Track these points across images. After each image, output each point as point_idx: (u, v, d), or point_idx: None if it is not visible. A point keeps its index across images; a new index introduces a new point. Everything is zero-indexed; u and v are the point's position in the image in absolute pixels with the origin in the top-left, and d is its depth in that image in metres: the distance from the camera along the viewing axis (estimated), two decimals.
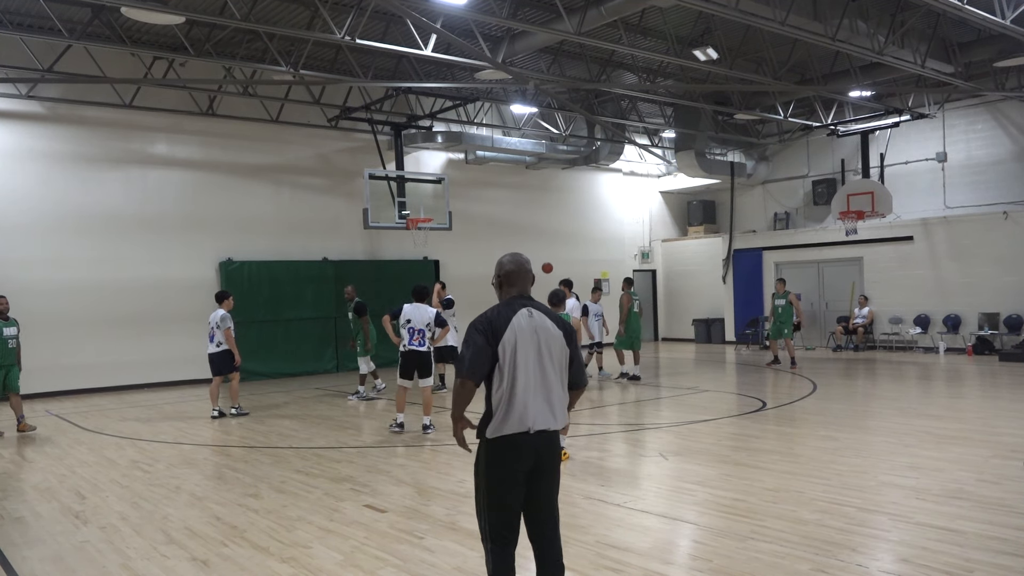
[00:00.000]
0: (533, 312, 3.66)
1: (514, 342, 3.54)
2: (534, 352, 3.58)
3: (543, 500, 3.72)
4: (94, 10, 12.02)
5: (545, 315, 3.69)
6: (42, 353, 14.07)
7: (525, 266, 3.78)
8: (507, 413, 3.52)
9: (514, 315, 3.60)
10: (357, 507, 6.28)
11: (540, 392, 3.58)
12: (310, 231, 17.32)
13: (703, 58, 14.28)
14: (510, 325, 3.56)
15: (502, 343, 3.53)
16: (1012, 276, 17.23)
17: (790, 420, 9.86)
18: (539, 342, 3.60)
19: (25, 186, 14.12)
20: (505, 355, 3.53)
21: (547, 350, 3.62)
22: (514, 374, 3.53)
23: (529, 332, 3.59)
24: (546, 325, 3.65)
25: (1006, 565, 4.60)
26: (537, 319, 3.64)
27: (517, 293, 3.74)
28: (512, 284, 3.76)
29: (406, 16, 10.41)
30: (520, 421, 3.53)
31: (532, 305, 3.70)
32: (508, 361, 3.53)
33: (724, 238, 23.00)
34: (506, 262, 3.79)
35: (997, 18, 11.84)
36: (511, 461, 3.55)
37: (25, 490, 7.28)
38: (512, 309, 3.63)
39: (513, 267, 3.76)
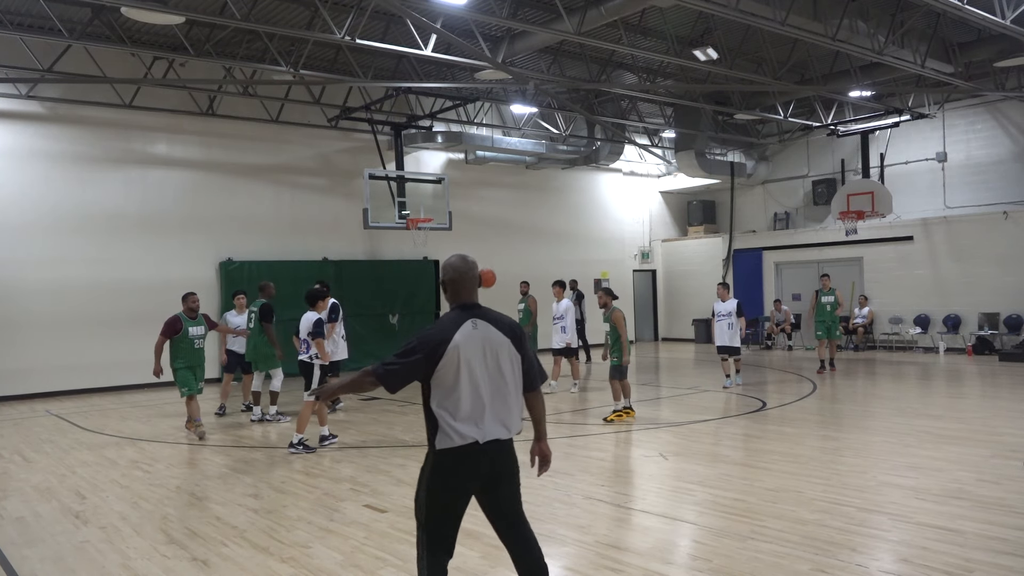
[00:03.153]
0: (478, 323, 3.58)
1: (457, 357, 3.47)
2: (480, 363, 3.52)
3: (507, 507, 3.68)
4: (94, 10, 12.02)
5: (491, 323, 3.61)
6: (42, 353, 14.08)
7: (472, 271, 3.68)
8: (455, 426, 3.48)
9: (457, 329, 3.52)
10: (357, 507, 6.28)
11: (490, 403, 3.54)
12: (310, 231, 17.32)
13: (703, 58, 14.28)
14: (453, 340, 3.48)
15: (444, 359, 3.46)
16: (1012, 276, 17.23)
17: (790, 420, 9.86)
18: (485, 353, 3.54)
19: (25, 186, 14.12)
20: (448, 370, 3.47)
21: (495, 359, 3.56)
22: (459, 387, 3.48)
23: (474, 344, 3.52)
24: (492, 334, 3.58)
25: (1006, 565, 4.60)
26: (482, 329, 3.57)
27: (462, 302, 3.65)
28: (457, 291, 3.67)
29: (406, 16, 10.41)
30: (469, 433, 3.49)
31: (477, 315, 3.61)
32: (452, 375, 3.47)
33: (724, 238, 23.00)
34: (450, 269, 3.69)
35: (997, 18, 11.84)
36: (461, 473, 3.52)
37: (25, 490, 7.28)
38: (455, 323, 3.55)
39: (457, 274, 3.66)
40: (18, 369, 13.93)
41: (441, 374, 3.48)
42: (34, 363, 14.06)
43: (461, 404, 3.49)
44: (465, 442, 3.48)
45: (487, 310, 3.68)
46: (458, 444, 3.48)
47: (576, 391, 12.88)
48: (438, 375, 3.48)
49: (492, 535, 5.41)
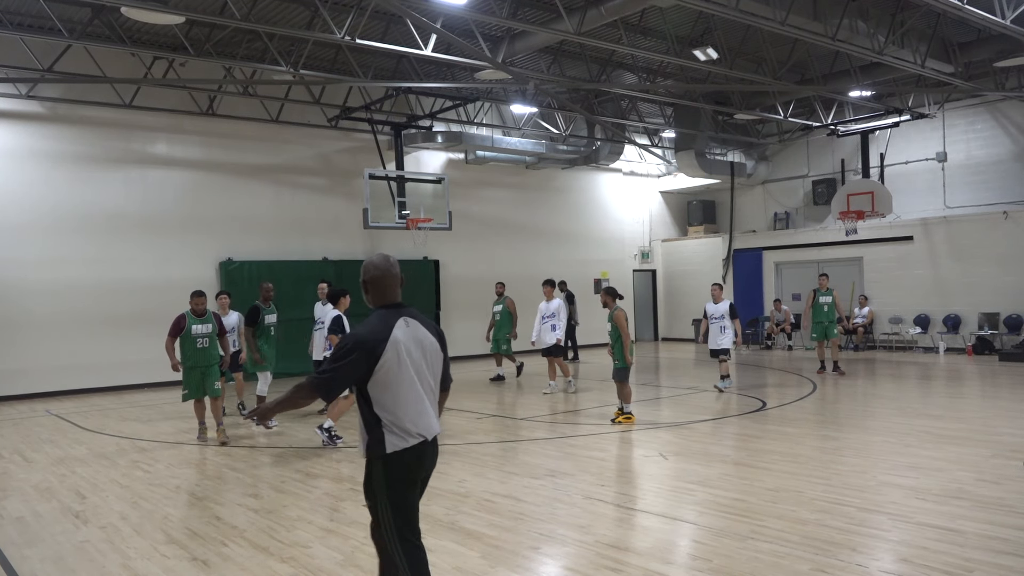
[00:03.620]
0: (410, 321, 3.57)
1: (398, 354, 3.43)
2: (419, 360, 3.52)
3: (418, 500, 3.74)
4: (94, 10, 12.02)
5: (420, 322, 3.62)
6: (42, 353, 14.08)
7: (394, 270, 3.63)
8: (406, 426, 3.45)
9: (393, 327, 3.48)
10: (357, 507, 6.27)
11: (428, 400, 3.56)
12: (310, 231, 17.32)
13: (703, 58, 14.28)
14: (391, 338, 3.43)
15: (384, 358, 3.40)
16: (1012, 276, 17.23)
17: (790, 420, 9.86)
18: (423, 350, 3.55)
19: (25, 186, 14.12)
20: (391, 368, 3.42)
21: (426, 358, 3.57)
22: (404, 385, 3.45)
23: (411, 343, 3.51)
24: (422, 333, 3.58)
25: (1006, 565, 4.60)
26: (414, 328, 3.56)
27: (389, 302, 3.61)
28: (381, 291, 3.61)
29: (406, 16, 10.41)
30: (419, 431, 3.48)
31: (407, 313, 3.60)
32: (395, 373, 3.43)
33: (724, 238, 23.00)
34: (371, 268, 3.62)
35: (997, 18, 11.84)
36: (413, 471, 3.51)
37: (25, 490, 7.28)
38: (389, 322, 3.50)
39: (380, 272, 3.60)
40: (18, 369, 13.93)
41: (382, 374, 3.41)
42: (34, 363, 14.06)
43: (408, 402, 3.45)
44: (417, 441, 3.47)
45: (412, 309, 3.66)
46: (411, 444, 3.45)
47: (574, 390, 12.86)
48: (378, 376, 3.41)
49: (492, 535, 5.44)
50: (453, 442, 9.02)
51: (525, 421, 10.32)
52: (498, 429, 9.83)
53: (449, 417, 10.85)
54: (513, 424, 10.13)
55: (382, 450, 3.44)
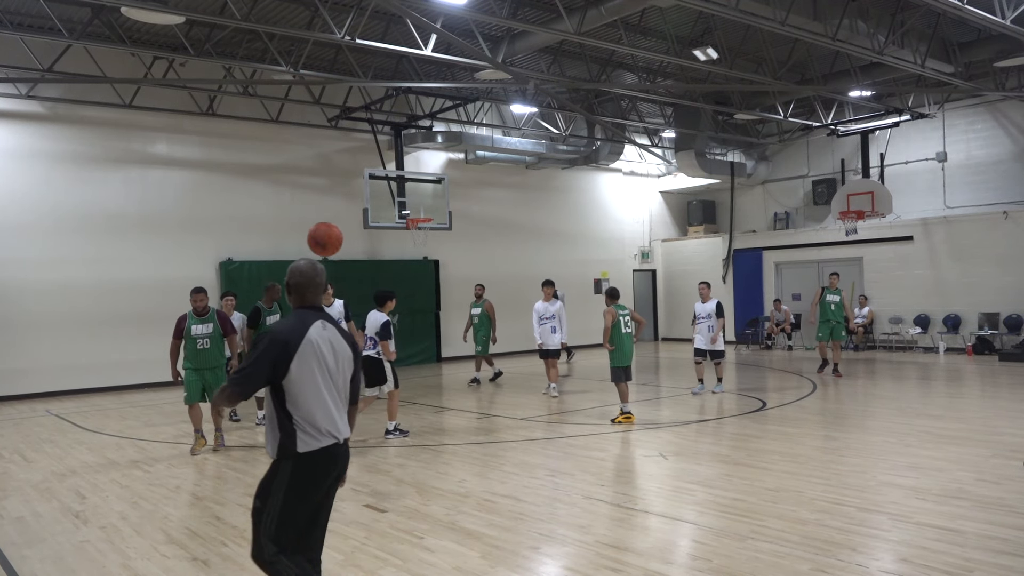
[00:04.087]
0: (327, 325, 3.60)
1: (311, 355, 3.46)
2: (332, 363, 3.55)
3: (326, 513, 3.73)
4: (94, 10, 12.02)
5: (336, 329, 3.64)
6: (42, 353, 14.08)
7: (320, 277, 3.65)
8: (318, 426, 3.46)
9: (310, 327, 3.51)
10: (357, 507, 6.28)
11: (340, 402, 3.59)
12: None
13: (703, 58, 14.28)
14: (307, 337, 3.47)
15: (298, 357, 3.43)
16: (1012, 276, 17.23)
17: (790, 420, 9.86)
18: (335, 354, 3.57)
19: (25, 186, 14.12)
20: (305, 366, 3.44)
21: (338, 364, 3.59)
22: (317, 384, 3.47)
23: (325, 344, 3.53)
24: (337, 339, 3.61)
25: (1006, 565, 4.60)
26: (330, 332, 3.59)
27: (309, 304, 3.64)
28: (303, 294, 3.63)
29: (406, 16, 10.41)
30: (330, 432, 3.50)
31: (324, 318, 3.62)
32: (309, 372, 3.45)
33: (724, 238, 23.00)
34: (296, 273, 3.63)
35: (997, 18, 11.84)
36: (322, 474, 3.51)
37: (25, 490, 7.28)
38: (306, 323, 3.53)
39: (305, 279, 3.62)
40: (18, 369, 13.93)
41: (296, 372, 3.42)
42: (34, 363, 14.06)
43: (320, 402, 3.47)
44: (329, 442, 3.48)
45: (330, 317, 3.70)
46: (324, 444, 3.47)
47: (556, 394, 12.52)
48: (292, 374, 3.42)
49: (492, 535, 5.44)
50: (453, 442, 9.03)
51: (525, 421, 10.32)
52: (498, 429, 9.83)
53: (449, 417, 10.86)
54: (513, 424, 10.13)
55: (293, 449, 3.46)
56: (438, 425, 10.31)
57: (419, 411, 11.48)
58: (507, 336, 19.16)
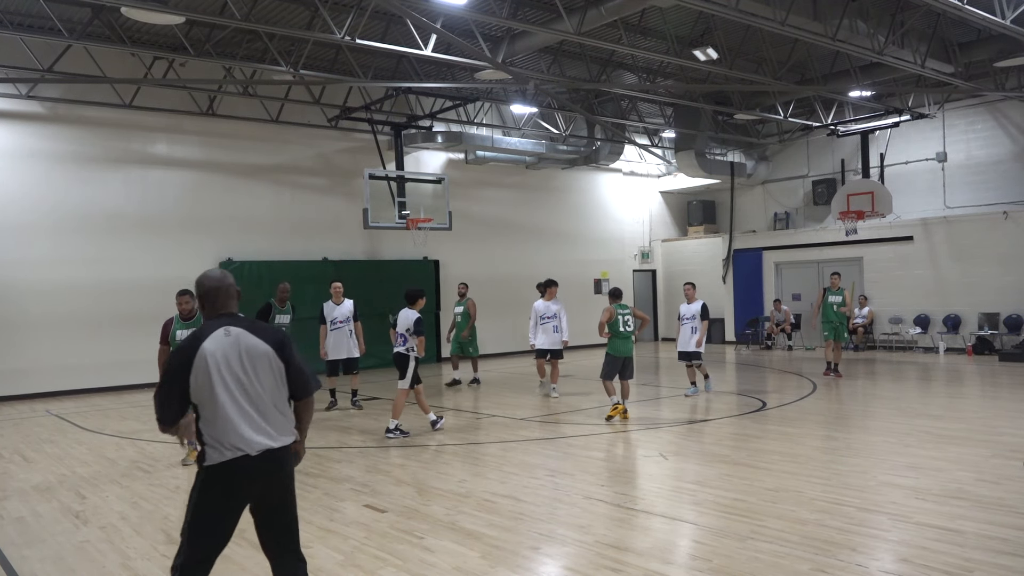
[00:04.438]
0: (231, 330, 3.47)
1: (207, 367, 3.36)
2: (237, 371, 3.41)
3: (278, 532, 3.55)
4: (94, 10, 12.02)
5: (250, 330, 3.51)
6: (42, 353, 14.08)
7: (226, 281, 3.59)
8: (220, 440, 3.36)
9: (206, 338, 3.42)
10: (357, 507, 6.28)
11: (252, 412, 3.42)
12: (310, 231, 17.32)
13: (703, 58, 14.28)
14: (200, 351, 3.38)
15: (194, 371, 3.36)
16: (1012, 276, 17.23)
17: (790, 420, 9.86)
18: (241, 360, 3.43)
19: (25, 186, 14.12)
20: (202, 379, 3.36)
21: (252, 367, 3.44)
22: (216, 399, 3.37)
23: (227, 351, 3.41)
24: (249, 341, 3.47)
25: (1006, 565, 4.60)
26: (236, 336, 3.46)
27: (218, 312, 3.56)
28: (213, 303, 3.57)
29: (406, 16, 10.41)
30: (236, 446, 3.36)
31: (232, 322, 3.51)
32: (207, 384, 3.37)
33: (724, 238, 23.00)
34: (203, 282, 3.58)
35: (997, 18, 11.84)
36: (231, 490, 3.40)
37: (25, 490, 7.28)
38: (204, 334, 3.44)
39: (213, 283, 3.57)
40: (18, 369, 13.93)
41: (196, 385, 3.37)
42: (34, 363, 14.06)
43: (220, 414, 3.37)
44: (234, 455, 3.35)
45: (247, 319, 3.58)
46: (228, 458, 3.35)
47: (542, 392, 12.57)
48: (194, 387, 3.37)
49: (492, 535, 5.44)
50: (453, 442, 9.03)
51: (525, 421, 10.32)
52: (498, 429, 9.83)
53: (449, 417, 10.85)
54: (513, 424, 10.13)
55: (203, 461, 3.41)
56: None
57: (419, 411, 11.48)
58: (508, 336, 19.19)
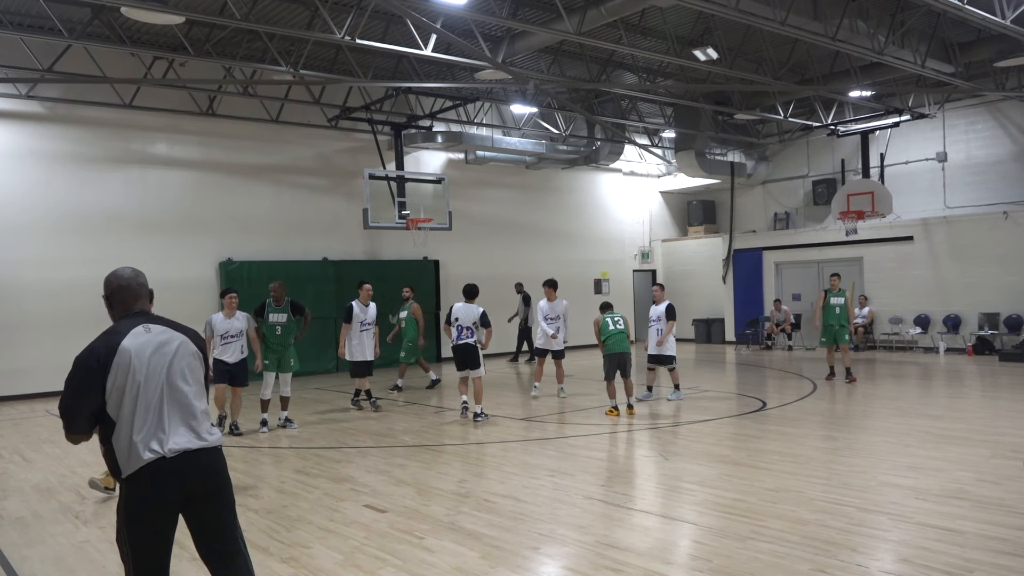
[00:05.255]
0: (151, 327, 3.30)
1: (126, 366, 3.15)
2: (157, 369, 3.22)
3: (214, 532, 3.31)
4: (94, 10, 12.02)
5: (168, 326, 3.35)
6: (42, 353, 14.07)
7: (138, 279, 3.44)
8: (135, 443, 3.13)
9: (124, 336, 3.21)
10: (357, 507, 6.28)
11: (173, 411, 3.22)
12: (310, 231, 17.32)
13: (703, 58, 14.28)
14: (119, 348, 3.17)
15: (114, 368, 3.14)
16: (1012, 276, 17.23)
17: (790, 420, 9.86)
18: (162, 357, 3.24)
19: (25, 186, 14.12)
20: (120, 379, 3.14)
21: (174, 364, 3.27)
22: (134, 399, 3.15)
23: (147, 348, 3.22)
24: (168, 337, 3.30)
25: (1006, 565, 4.60)
26: (157, 333, 3.29)
27: (132, 311, 3.38)
28: (125, 301, 3.39)
29: (406, 16, 10.41)
30: (154, 447, 3.13)
31: (150, 320, 3.34)
32: (121, 387, 3.14)
33: (724, 238, 23.00)
34: (113, 279, 3.42)
35: (997, 18, 11.84)
36: (154, 495, 3.15)
37: (25, 490, 7.28)
38: (120, 332, 3.24)
39: (123, 282, 3.40)
40: (18, 369, 13.93)
41: (113, 386, 3.14)
42: (34, 363, 14.06)
43: (137, 416, 3.14)
44: (151, 458, 3.13)
45: (162, 318, 3.42)
46: (145, 462, 3.12)
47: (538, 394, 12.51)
48: (109, 388, 3.14)
49: (492, 535, 5.44)
50: (453, 442, 9.03)
51: (525, 421, 10.33)
52: (498, 429, 9.84)
53: (449, 417, 10.86)
54: (513, 424, 10.13)
55: (119, 472, 3.19)
56: (438, 425, 10.31)
57: (419, 411, 11.48)
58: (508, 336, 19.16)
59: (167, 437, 3.17)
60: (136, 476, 3.14)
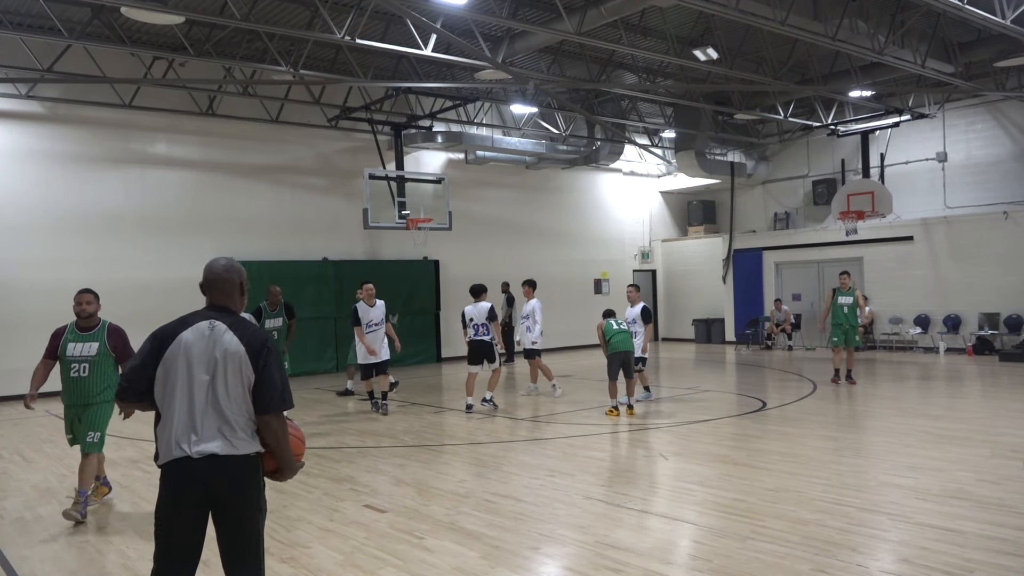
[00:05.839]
0: (216, 325, 3.29)
1: (176, 357, 3.20)
2: (204, 369, 3.21)
3: (229, 542, 3.31)
4: (94, 10, 12.02)
5: (232, 330, 3.29)
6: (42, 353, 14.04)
7: (226, 275, 3.42)
8: (169, 436, 3.18)
9: (187, 328, 3.26)
10: (357, 507, 6.28)
11: (209, 414, 3.20)
12: (310, 231, 17.32)
13: (703, 58, 14.28)
14: (177, 339, 3.22)
15: (164, 358, 3.21)
16: (1012, 276, 17.23)
17: (790, 420, 9.86)
18: (214, 358, 3.22)
19: (25, 186, 14.12)
20: (169, 368, 3.20)
21: (223, 367, 3.22)
22: (174, 393, 3.19)
23: (200, 346, 3.23)
24: (228, 341, 3.26)
25: (1006, 565, 4.60)
26: (219, 333, 3.27)
27: (212, 304, 3.40)
28: (211, 292, 3.42)
29: (406, 16, 10.41)
30: (180, 445, 3.16)
31: (219, 318, 3.33)
32: (171, 374, 3.20)
33: (724, 238, 23.00)
34: (206, 270, 3.44)
35: (997, 18, 11.84)
36: (177, 492, 3.19)
37: (25, 490, 7.28)
38: (186, 323, 3.29)
39: (211, 275, 3.41)
40: (18, 369, 13.89)
41: (160, 372, 3.21)
42: (34, 363, 13.86)
43: (176, 410, 3.19)
44: (179, 456, 3.16)
45: (236, 318, 3.37)
46: (174, 458, 3.17)
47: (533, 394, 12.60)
48: (158, 373, 3.21)
49: (492, 535, 5.44)
50: (453, 442, 9.03)
51: (525, 421, 10.32)
52: (498, 429, 9.84)
53: (449, 417, 10.86)
54: (513, 424, 10.13)
55: (157, 459, 3.25)
56: (438, 425, 10.31)
57: (419, 411, 11.48)
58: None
59: (198, 439, 3.19)
60: (166, 469, 3.23)
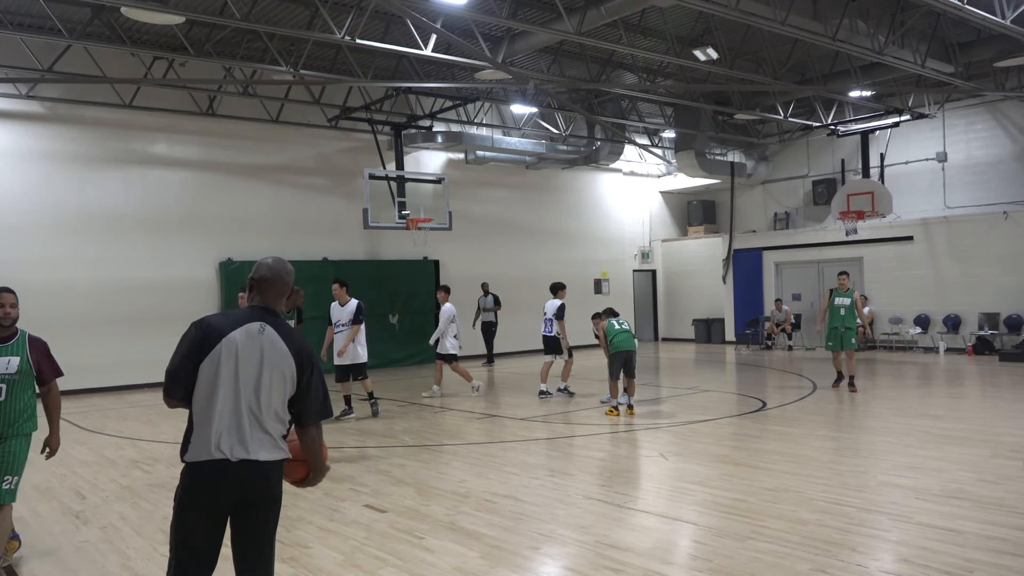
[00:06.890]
0: (266, 328, 3.21)
1: (220, 355, 3.11)
2: (251, 371, 3.14)
3: (247, 544, 3.24)
4: (94, 10, 12.02)
5: (281, 336, 3.23)
6: None
7: (284, 276, 3.33)
8: (206, 435, 3.09)
9: (238, 326, 3.16)
10: (357, 507, 6.28)
11: (250, 417, 3.13)
12: (310, 231, 17.32)
13: (703, 58, 14.28)
14: (230, 335, 3.13)
15: (211, 354, 3.11)
16: (1012, 276, 17.23)
17: (790, 420, 9.86)
18: (261, 362, 3.16)
19: (25, 186, 14.12)
20: (214, 365, 3.11)
21: (268, 373, 3.16)
22: (217, 391, 3.10)
23: (249, 348, 3.15)
24: (276, 347, 3.20)
25: (1006, 565, 4.60)
26: (268, 337, 3.19)
27: (263, 305, 3.30)
28: (262, 292, 3.31)
29: (406, 16, 10.41)
30: (218, 447, 3.08)
31: (270, 321, 3.24)
32: (216, 372, 3.11)
33: (724, 238, 23.00)
34: (259, 267, 3.32)
35: (997, 18, 11.84)
36: (207, 491, 3.11)
37: (25, 490, 7.27)
38: (238, 320, 3.20)
39: (269, 274, 3.30)
40: None
41: (206, 368, 3.11)
42: None
43: (218, 409, 3.10)
44: (217, 456, 3.08)
45: (285, 324, 3.32)
46: (211, 457, 3.08)
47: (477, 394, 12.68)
48: (203, 369, 3.11)
49: (492, 535, 5.44)
50: (453, 442, 9.03)
51: (525, 421, 10.32)
52: (498, 429, 9.84)
53: (449, 417, 10.86)
54: (513, 424, 10.13)
55: (184, 455, 3.17)
56: (438, 425, 10.31)
57: (419, 411, 11.48)
58: (507, 336, 19.16)
59: (239, 443, 3.12)
60: (198, 467, 3.12)
